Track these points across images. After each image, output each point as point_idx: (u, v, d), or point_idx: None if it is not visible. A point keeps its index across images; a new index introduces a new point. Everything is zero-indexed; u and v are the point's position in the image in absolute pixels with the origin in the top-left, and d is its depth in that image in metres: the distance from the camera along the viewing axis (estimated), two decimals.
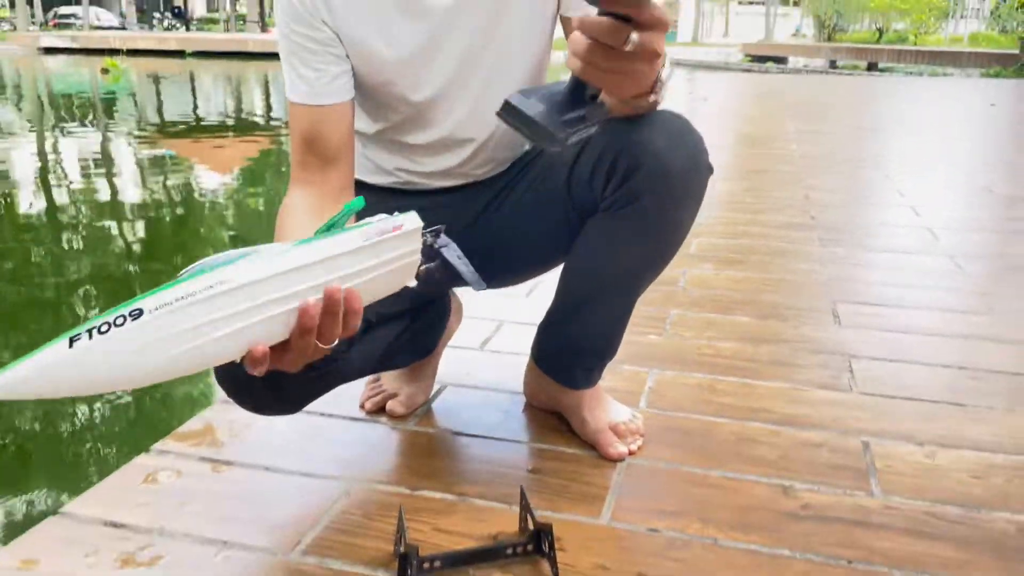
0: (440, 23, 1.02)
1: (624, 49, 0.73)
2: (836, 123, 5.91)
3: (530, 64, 1.11)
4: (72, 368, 0.60)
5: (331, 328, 0.74)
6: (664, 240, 1.08)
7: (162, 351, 0.63)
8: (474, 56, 1.06)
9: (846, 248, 2.38)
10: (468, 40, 1.04)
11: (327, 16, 0.99)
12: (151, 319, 0.62)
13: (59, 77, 15.97)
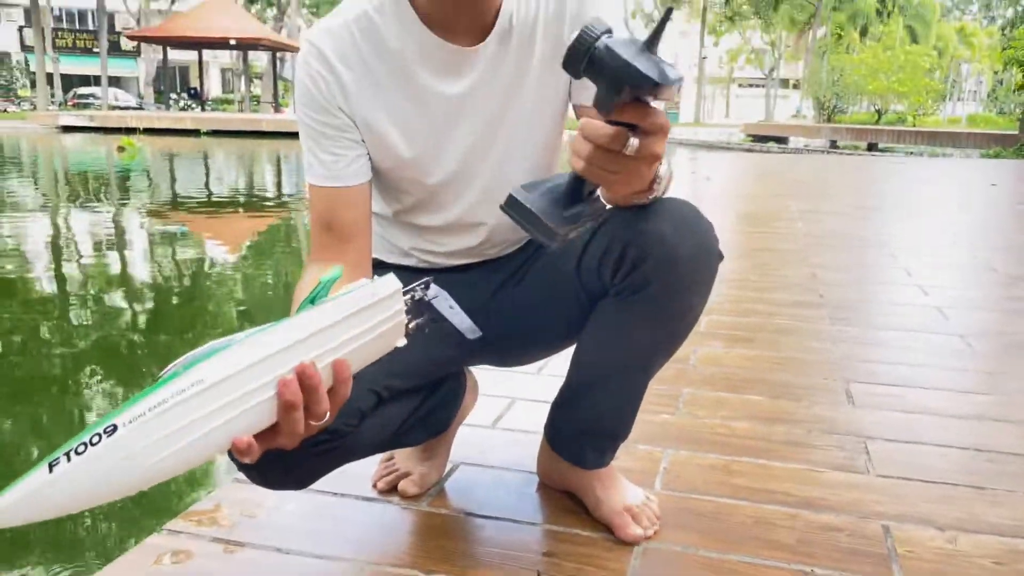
0: (452, 110, 1.06)
1: (625, 153, 0.77)
2: (839, 202, 5.98)
3: (540, 149, 1.14)
4: (55, 491, 0.62)
5: (317, 403, 0.73)
6: (675, 325, 1.09)
7: (142, 461, 0.64)
8: (485, 142, 1.09)
9: (856, 327, 2.38)
10: (479, 127, 1.08)
11: (343, 103, 1.03)
12: (126, 433, 0.63)
13: (76, 154, 16.31)
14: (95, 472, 0.62)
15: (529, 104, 1.09)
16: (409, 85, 1.04)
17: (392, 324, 0.79)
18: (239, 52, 31.19)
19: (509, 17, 1.04)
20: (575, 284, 1.14)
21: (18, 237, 6.81)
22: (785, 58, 50.00)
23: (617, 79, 0.72)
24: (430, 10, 1.01)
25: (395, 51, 1.03)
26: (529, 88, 1.08)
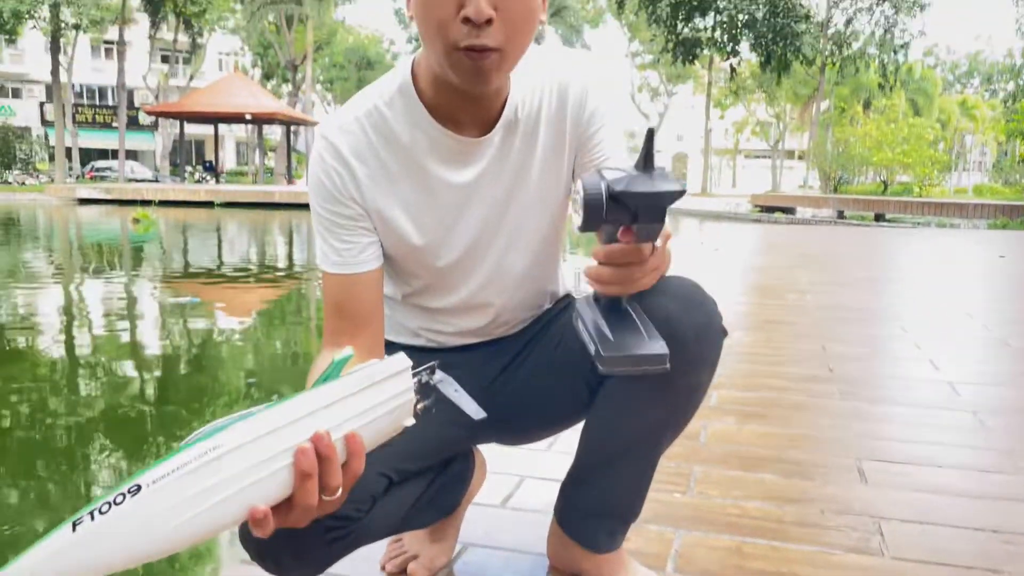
0: (460, 198, 1.10)
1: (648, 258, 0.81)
2: (848, 274, 5.99)
3: (545, 233, 1.17)
4: (78, 552, 0.62)
5: (331, 474, 0.74)
6: (682, 403, 1.10)
7: (164, 523, 0.65)
8: (492, 227, 1.12)
9: (867, 403, 2.37)
10: (486, 213, 1.11)
11: (357, 195, 1.07)
12: (149, 493, 0.64)
13: (91, 226, 16.57)
14: (119, 533, 0.63)
15: (534, 191, 1.12)
16: (419, 176, 1.08)
17: (402, 401, 0.81)
18: (254, 126, 31.89)
19: (515, 109, 1.08)
20: (581, 361, 1.15)
21: (31, 307, 6.87)
22: (790, 130, 50.76)
23: (650, 209, 0.77)
24: (437, 104, 1.05)
25: (405, 144, 1.07)
26: (534, 176, 1.11)
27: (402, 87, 1.07)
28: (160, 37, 34.41)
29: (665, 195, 0.76)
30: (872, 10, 30.73)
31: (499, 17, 0.93)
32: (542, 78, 1.11)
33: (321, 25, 39.38)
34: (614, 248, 0.83)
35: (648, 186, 0.76)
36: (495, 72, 0.97)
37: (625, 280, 0.85)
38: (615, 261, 0.84)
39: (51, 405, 4.02)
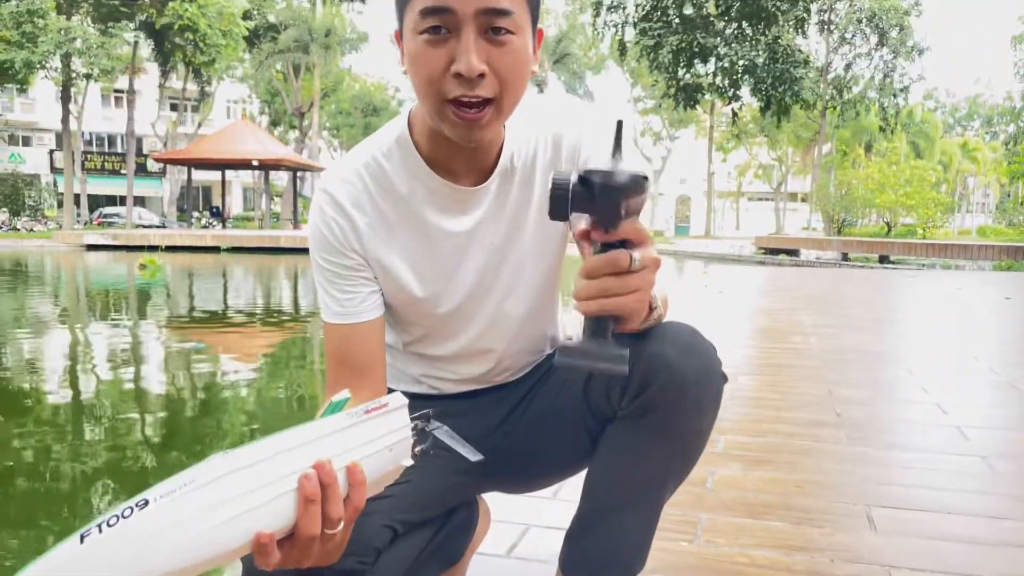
0: (459, 246, 1.11)
1: (632, 268, 0.81)
2: (853, 316, 5.98)
3: (543, 279, 1.18)
4: (84, 563, 0.61)
5: (333, 502, 0.74)
6: (684, 448, 1.09)
7: (170, 539, 0.64)
8: (491, 274, 1.14)
9: (874, 448, 2.35)
10: (485, 260, 1.13)
11: (357, 246, 1.08)
12: (156, 508, 0.64)
13: (98, 272, 16.66)
14: (125, 547, 0.62)
15: (531, 238, 1.14)
16: (418, 225, 1.09)
17: (400, 438, 0.82)
18: (261, 172, 32.20)
19: (511, 157, 1.10)
20: (583, 408, 1.16)
21: (37, 352, 6.88)
22: (793, 173, 51.10)
23: (615, 190, 0.77)
24: (434, 154, 1.07)
25: (403, 194, 1.09)
26: (531, 223, 1.13)
27: (399, 139, 1.09)
28: (169, 86, 34.94)
29: (624, 178, 0.76)
30: (871, 55, 31.17)
31: (490, 71, 0.95)
32: (537, 127, 1.13)
33: (328, 73, 40.03)
34: (592, 259, 0.83)
35: (603, 167, 0.77)
36: (488, 125, 0.99)
37: (604, 292, 0.83)
38: (593, 274, 0.83)
39: (55, 449, 4.00)
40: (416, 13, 0.95)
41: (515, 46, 0.96)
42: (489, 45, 0.95)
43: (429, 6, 0.93)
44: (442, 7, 0.93)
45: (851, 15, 30.40)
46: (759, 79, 17.42)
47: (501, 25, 0.94)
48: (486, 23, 0.94)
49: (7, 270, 16.68)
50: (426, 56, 0.95)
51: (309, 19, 37.00)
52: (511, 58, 0.96)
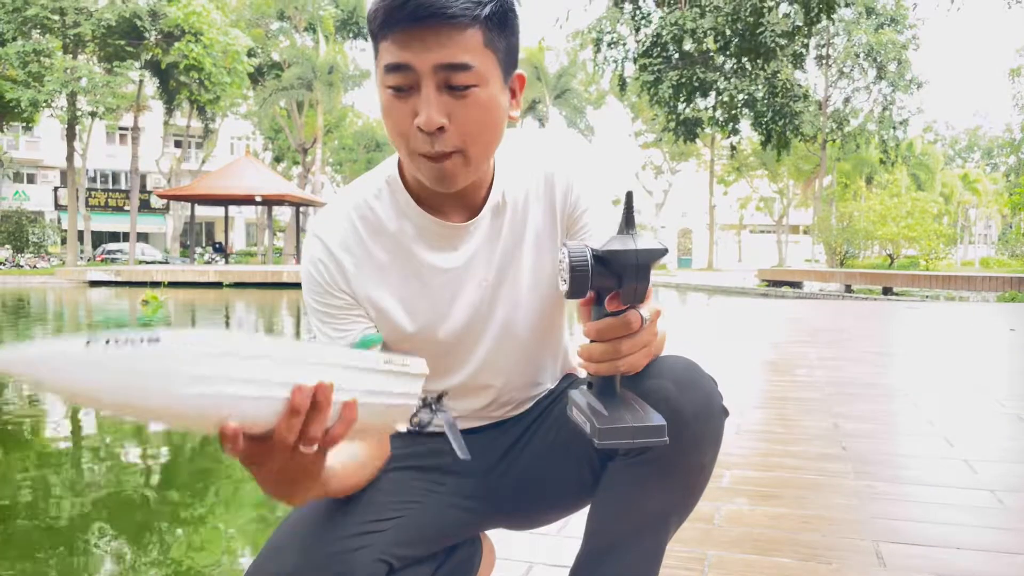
0: (450, 282, 1.11)
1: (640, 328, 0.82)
2: (857, 349, 5.96)
3: (541, 313, 1.18)
4: (79, 367, 0.61)
5: (316, 424, 0.74)
6: (686, 484, 1.08)
7: (163, 382, 0.64)
8: (485, 308, 1.13)
9: (882, 482, 2.33)
10: (479, 294, 1.12)
11: (344, 284, 1.09)
12: (163, 349, 0.64)
13: (100, 308, 16.67)
14: (120, 370, 0.62)
15: (526, 272, 1.14)
16: (408, 263, 1.10)
17: (404, 402, 0.82)
18: (264, 207, 32.39)
19: (501, 193, 1.11)
20: (584, 445, 1.14)
21: (34, 392, 6.86)
22: (794, 205, 51.29)
23: (634, 268, 0.79)
24: (423, 193, 1.08)
25: (393, 232, 1.09)
26: (525, 257, 1.13)
27: (389, 179, 1.10)
28: (173, 123, 35.29)
29: (647, 253, 0.78)
30: (869, 88, 31.46)
31: (452, 124, 0.96)
32: (528, 163, 1.14)
33: (331, 110, 40.43)
34: (602, 323, 0.84)
35: (630, 245, 0.78)
36: (459, 174, 1.00)
37: (616, 356, 0.84)
38: (605, 337, 0.84)
39: (54, 487, 3.98)
40: (382, 69, 0.97)
41: (478, 99, 0.97)
42: (451, 99, 0.96)
43: (390, 63, 0.95)
44: (401, 64, 0.94)
45: (849, 49, 30.74)
46: (759, 113, 17.55)
47: (460, 81, 0.95)
48: (445, 79, 0.95)
49: (10, 306, 16.70)
50: (393, 110, 0.97)
51: (312, 57, 37.46)
52: (474, 110, 0.97)
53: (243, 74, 29.30)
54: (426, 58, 0.93)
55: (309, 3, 38.90)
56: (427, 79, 0.94)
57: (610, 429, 0.82)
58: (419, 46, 0.93)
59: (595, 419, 0.83)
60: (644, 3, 16.61)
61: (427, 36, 0.93)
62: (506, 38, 1.00)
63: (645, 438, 0.83)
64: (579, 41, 19.85)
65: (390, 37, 0.95)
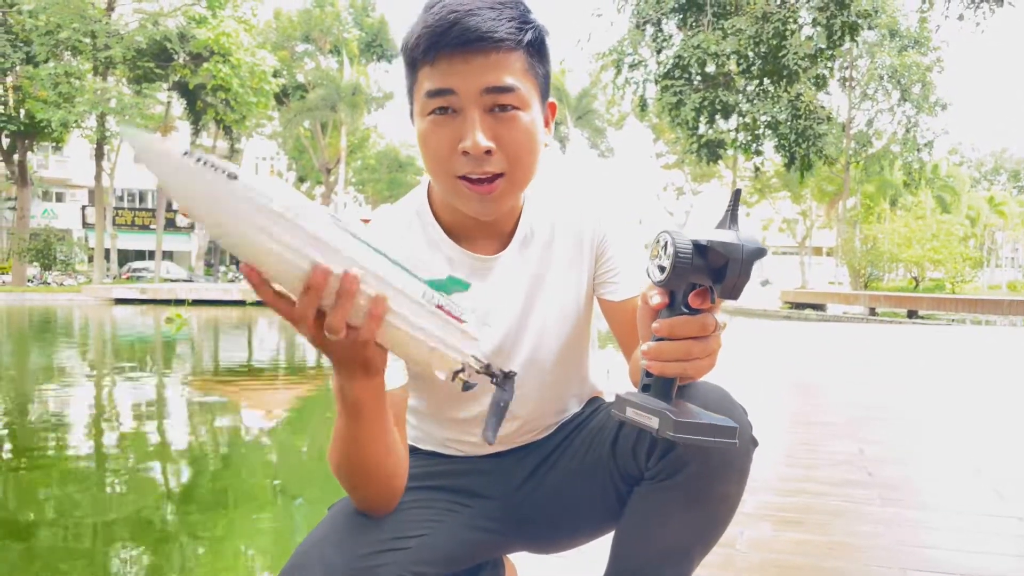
0: (480, 311, 1.11)
1: (713, 332, 0.81)
2: (882, 373, 5.89)
3: (569, 343, 1.18)
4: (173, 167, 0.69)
5: (335, 315, 0.75)
6: (712, 514, 1.06)
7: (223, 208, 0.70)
8: (512, 337, 1.14)
9: (908, 508, 2.29)
10: (507, 324, 1.13)
11: None
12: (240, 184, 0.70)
13: (125, 326, 16.85)
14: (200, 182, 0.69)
15: (554, 301, 1.14)
16: None
17: (451, 354, 0.84)
18: None
19: (529, 224, 1.12)
20: (610, 468, 1.14)
21: (63, 405, 6.94)
22: (817, 227, 50.93)
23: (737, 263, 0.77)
24: (453, 224, 1.10)
25: (424, 263, 1.10)
26: (552, 287, 1.14)
27: (419, 211, 1.11)
28: (200, 143, 35.74)
29: (752, 249, 0.76)
30: (893, 110, 31.27)
31: (498, 147, 0.97)
32: (555, 193, 1.14)
33: (354, 130, 40.79)
34: (678, 320, 0.82)
35: (735, 239, 0.76)
36: (502, 197, 1.01)
37: (687, 356, 0.83)
38: (679, 334, 0.83)
39: (76, 505, 4.00)
40: (423, 96, 0.98)
41: (522, 121, 0.98)
42: (495, 122, 0.97)
43: (434, 88, 0.96)
44: (446, 89, 0.95)
45: (872, 71, 30.63)
46: (782, 135, 17.52)
47: (506, 102, 0.96)
48: (491, 101, 0.96)
49: (38, 323, 16.92)
50: (434, 135, 0.98)
51: (337, 79, 37.87)
52: (518, 133, 0.98)
53: (269, 94, 29.64)
54: (473, 81, 0.95)
55: (334, 26, 39.38)
56: (473, 102, 0.95)
57: (686, 423, 0.80)
58: (465, 69, 0.94)
59: (668, 412, 0.81)
60: (666, 25, 16.66)
61: (473, 60, 0.94)
62: (544, 65, 1.02)
63: (718, 437, 0.81)
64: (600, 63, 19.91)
65: (434, 63, 0.96)
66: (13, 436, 5.64)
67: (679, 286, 0.81)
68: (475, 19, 0.94)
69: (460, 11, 0.94)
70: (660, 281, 0.81)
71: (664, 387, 0.85)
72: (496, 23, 0.95)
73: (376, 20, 40.25)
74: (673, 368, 0.84)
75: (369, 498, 1.02)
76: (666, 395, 0.85)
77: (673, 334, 0.83)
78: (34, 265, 30.98)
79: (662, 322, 0.83)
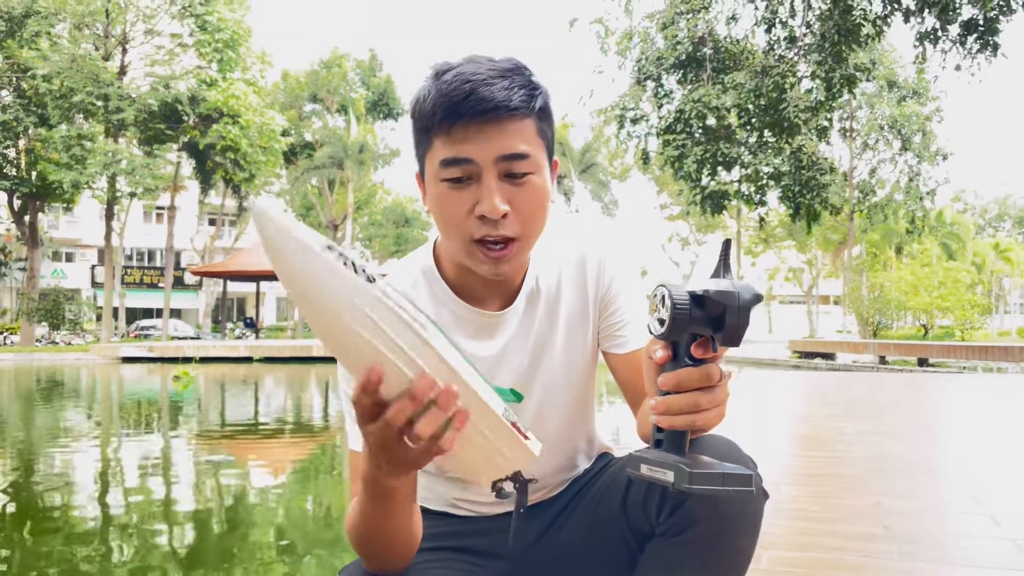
0: (486, 368, 1.11)
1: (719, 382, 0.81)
2: (896, 423, 5.82)
3: (575, 398, 1.17)
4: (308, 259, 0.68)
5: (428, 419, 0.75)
6: (725, 569, 1.04)
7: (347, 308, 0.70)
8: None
9: (927, 563, 2.24)
10: (513, 380, 1.13)
11: None
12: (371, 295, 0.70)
13: (132, 385, 16.83)
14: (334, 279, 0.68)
15: (559, 357, 1.14)
16: None
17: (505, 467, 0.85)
18: None
19: (535, 279, 1.12)
20: (621, 524, 1.12)
21: (69, 465, 6.89)
22: (823, 276, 50.94)
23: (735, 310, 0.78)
24: (460, 283, 1.10)
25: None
26: (558, 342, 1.13)
27: (425, 269, 1.12)
28: (208, 202, 36.14)
29: (748, 295, 0.77)
30: (895, 160, 31.49)
31: (512, 210, 0.98)
32: (560, 248, 1.15)
33: (361, 187, 41.26)
34: (683, 372, 0.82)
35: (731, 287, 0.77)
36: (514, 259, 1.02)
37: (695, 408, 0.83)
38: (684, 387, 0.82)
39: (82, 564, 3.95)
40: (437, 163, 0.98)
41: (535, 185, 1.00)
42: (510, 186, 0.98)
43: (450, 157, 0.97)
44: (463, 158, 0.96)
45: (872, 122, 30.93)
46: (786, 187, 17.64)
47: (520, 170, 0.98)
48: (506, 168, 0.98)
49: (46, 383, 16.92)
50: (450, 200, 0.99)
51: (344, 136, 38.44)
52: (531, 196, 1.00)
53: (279, 153, 30.06)
54: (488, 149, 0.96)
55: (341, 86, 40.14)
56: (489, 169, 0.97)
57: (701, 474, 0.80)
58: (480, 138, 0.96)
59: (682, 465, 0.81)
60: (666, 81, 16.92)
61: (488, 128, 0.96)
62: (550, 127, 1.04)
63: (735, 485, 0.81)
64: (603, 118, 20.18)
65: (449, 132, 0.97)
66: (18, 496, 5.59)
67: (680, 338, 0.82)
68: (489, 89, 0.95)
69: (475, 80, 0.95)
70: (660, 334, 0.81)
71: (676, 441, 0.85)
72: (509, 92, 0.96)
73: (382, 79, 41.02)
74: (682, 421, 0.84)
75: (385, 564, 1.01)
76: (679, 448, 0.85)
77: (679, 387, 0.83)
78: (43, 325, 31.11)
79: (667, 375, 0.83)
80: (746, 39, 15.34)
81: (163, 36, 29.57)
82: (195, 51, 28.51)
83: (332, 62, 40.13)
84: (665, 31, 15.59)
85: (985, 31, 11.10)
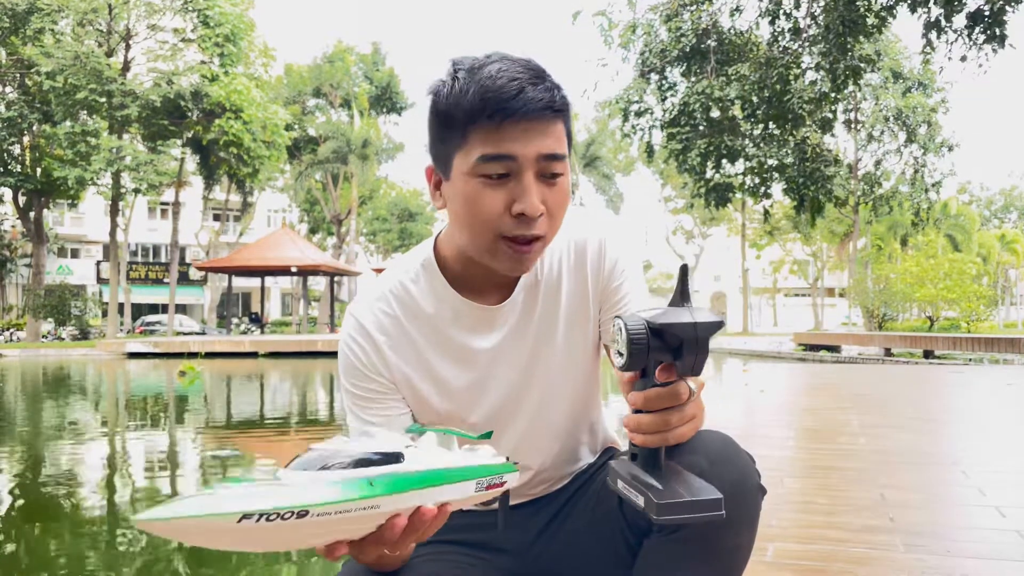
0: (486, 361, 1.12)
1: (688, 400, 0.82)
2: (901, 415, 5.81)
3: (577, 390, 1.17)
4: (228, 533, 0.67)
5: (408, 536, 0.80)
6: (723, 565, 1.04)
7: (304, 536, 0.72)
8: (520, 389, 1.14)
9: (932, 554, 2.24)
10: (513, 375, 1.13)
11: (383, 368, 1.10)
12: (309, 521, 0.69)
13: (138, 380, 16.88)
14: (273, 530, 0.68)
15: (560, 348, 1.14)
16: (445, 345, 1.11)
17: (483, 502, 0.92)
18: (299, 277, 32.85)
19: (534, 271, 1.12)
20: (620, 521, 1.13)
21: (76, 460, 6.92)
22: (828, 268, 50.84)
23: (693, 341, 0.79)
24: (460, 277, 1.10)
25: (429, 315, 1.11)
26: (559, 334, 1.13)
27: (425, 263, 1.12)
28: (213, 197, 36.16)
29: (706, 326, 0.78)
30: (900, 151, 31.36)
31: (545, 209, 0.99)
32: (559, 237, 1.14)
33: (365, 182, 41.25)
34: (651, 393, 0.83)
35: (687, 318, 0.78)
36: (536, 257, 1.03)
37: (665, 428, 0.84)
38: (653, 407, 0.84)
39: (88, 558, 3.96)
40: (474, 158, 0.97)
41: (564, 185, 1.01)
42: (544, 186, 0.99)
43: (491, 153, 0.96)
44: (506, 155, 0.96)
45: (877, 113, 30.80)
46: (790, 178, 17.59)
47: (556, 169, 0.99)
48: (545, 167, 0.98)
49: (52, 378, 16.98)
50: (484, 196, 0.98)
51: (347, 131, 38.43)
52: (561, 197, 1.01)
53: (282, 147, 30.06)
54: (532, 148, 0.96)
55: (344, 80, 40.12)
56: (528, 168, 0.97)
57: (668, 504, 0.81)
58: (524, 137, 0.96)
59: (651, 493, 0.82)
60: (670, 74, 16.87)
61: (533, 127, 0.96)
62: (570, 130, 1.04)
63: (703, 512, 0.82)
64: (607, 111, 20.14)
65: (498, 128, 0.95)
66: (24, 490, 5.61)
67: (640, 368, 0.83)
68: (535, 89, 0.96)
69: (521, 79, 0.95)
70: (621, 366, 0.83)
71: (650, 457, 0.87)
72: (551, 93, 0.97)
73: (385, 73, 40.99)
74: (654, 439, 0.86)
75: (384, 565, 1.02)
76: (654, 464, 0.87)
77: (648, 407, 0.84)
78: (49, 321, 31.20)
79: (636, 395, 0.85)
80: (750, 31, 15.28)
81: (166, 31, 29.57)
82: (197, 46, 28.50)
83: (335, 56, 40.10)
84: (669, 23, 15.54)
85: (992, 22, 11.04)
